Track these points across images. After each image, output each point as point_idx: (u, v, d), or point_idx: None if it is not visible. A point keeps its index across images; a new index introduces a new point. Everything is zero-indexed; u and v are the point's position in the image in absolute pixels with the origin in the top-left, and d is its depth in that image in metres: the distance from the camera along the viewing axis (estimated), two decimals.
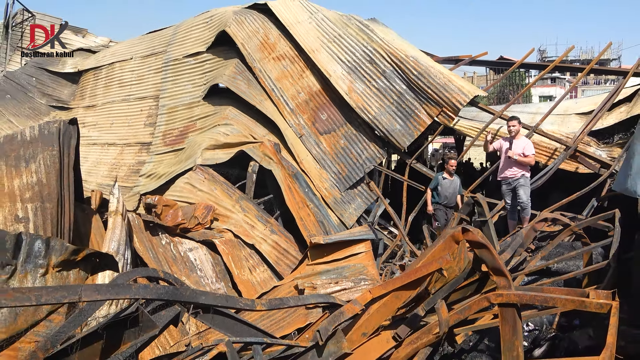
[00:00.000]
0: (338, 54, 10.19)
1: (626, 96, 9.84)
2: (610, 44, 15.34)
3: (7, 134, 6.79)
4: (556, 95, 35.98)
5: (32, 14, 16.02)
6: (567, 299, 3.12)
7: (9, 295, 1.98)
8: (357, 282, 6.03)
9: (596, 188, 8.62)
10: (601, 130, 9.56)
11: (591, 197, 8.62)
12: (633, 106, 9.50)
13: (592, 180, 8.71)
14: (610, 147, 9.29)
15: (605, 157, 8.99)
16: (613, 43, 48.62)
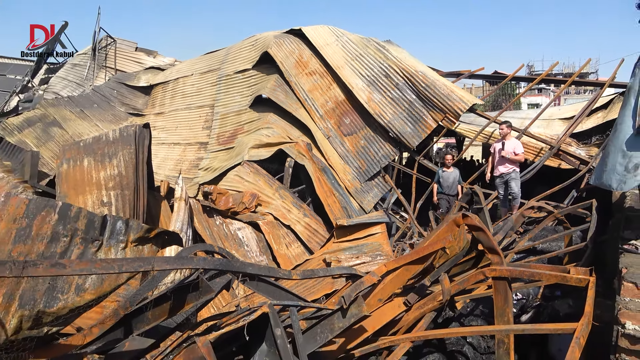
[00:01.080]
0: (359, 69, 10.10)
1: (602, 104, 9.58)
2: (590, 60, 14.93)
3: (95, 135, 6.93)
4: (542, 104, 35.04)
5: (114, 39, 16.29)
6: (551, 274, 3.05)
7: (98, 265, 2.03)
8: (374, 257, 5.99)
9: (576, 181, 8.40)
10: (581, 132, 9.31)
11: (571, 189, 8.41)
12: (608, 112, 9.23)
13: (573, 175, 8.49)
14: (589, 147, 9.03)
15: (584, 156, 8.73)
16: (591, 59, 46.93)
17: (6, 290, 2.68)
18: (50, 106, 13.09)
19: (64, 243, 2.88)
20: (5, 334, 2.66)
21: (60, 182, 6.04)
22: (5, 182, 5.92)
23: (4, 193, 3.41)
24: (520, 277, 3.39)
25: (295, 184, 8.96)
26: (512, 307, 3.21)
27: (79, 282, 2.75)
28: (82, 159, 6.23)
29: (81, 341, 2.60)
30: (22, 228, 2.86)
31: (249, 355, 2.85)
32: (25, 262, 1.94)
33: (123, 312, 2.63)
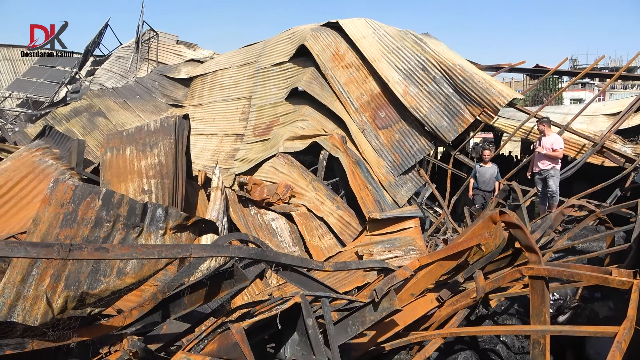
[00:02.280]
0: (396, 62, 9.96)
1: None
2: (639, 54, 14.12)
3: (137, 125, 7.12)
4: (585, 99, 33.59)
5: (156, 32, 16.68)
6: (592, 275, 2.93)
7: (139, 250, 2.09)
8: (407, 251, 5.93)
9: (620, 180, 8.02)
10: (627, 129, 8.87)
11: (615, 188, 8.03)
12: None
13: (617, 173, 8.10)
14: (635, 144, 8.60)
15: (630, 153, 8.32)
16: None
17: (53, 271, 2.80)
18: (96, 97, 13.56)
19: (107, 228, 2.98)
20: (52, 313, 2.78)
21: (104, 170, 6.26)
22: (54, 168, 6.18)
23: (53, 179, 3.55)
24: (558, 277, 3.28)
25: (329, 176, 8.96)
26: (549, 307, 3.10)
27: (120, 266, 2.85)
28: (124, 148, 6.43)
29: (121, 322, 2.69)
30: (69, 213, 2.98)
31: (281, 343, 2.88)
32: (71, 245, 2.02)
33: (161, 297, 2.70)
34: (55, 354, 2.52)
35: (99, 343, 2.58)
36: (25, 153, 6.46)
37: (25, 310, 2.84)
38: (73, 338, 2.45)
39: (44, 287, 2.85)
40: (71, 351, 2.52)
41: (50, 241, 2.93)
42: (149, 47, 16.49)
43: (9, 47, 23.20)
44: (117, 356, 2.47)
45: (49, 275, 2.82)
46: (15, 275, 2.83)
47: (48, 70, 20.42)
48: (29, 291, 2.86)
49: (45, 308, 2.82)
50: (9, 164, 6.22)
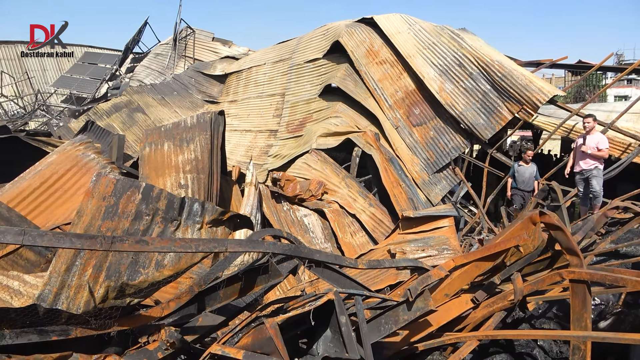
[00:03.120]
0: (431, 58, 9.79)
1: None
2: None
3: (174, 121, 7.27)
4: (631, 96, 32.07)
5: (193, 30, 16.99)
6: (638, 280, 2.80)
7: (177, 244, 2.14)
8: (441, 250, 5.84)
9: None
10: None
11: None
12: None
13: None
14: None
15: None
16: None
17: (95, 262, 2.90)
18: (135, 93, 13.95)
19: (146, 221, 3.06)
20: (94, 302, 2.88)
21: (142, 164, 6.43)
22: (96, 162, 6.40)
23: (95, 173, 3.67)
24: (601, 281, 3.16)
25: (362, 173, 8.92)
26: (591, 312, 2.99)
27: (158, 259, 2.92)
28: (162, 143, 6.58)
29: (159, 313, 2.76)
30: (110, 206, 3.08)
31: (313, 340, 2.89)
32: (113, 237, 2.09)
33: (197, 289, 2.76)
34: (97, 342, 2.61)
35: (138, 332, 2.66)
36: (69, 147, 6.72)
37: (69, 299, 2.95)
38: (114, 327, 2.54)
39: (87, 276, 2.95)
40: (112, 339, 2.61)
41: (93, 233, 3.04)
42: (186, 44, 16.82)
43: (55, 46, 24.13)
44: (155, 346, 2.54)
45: (91, 266, 2.92)
46: (60, 264, 2.94)
47: (90, 67, 21.19)
48: (73, 280, 2.98)
49: (87, 297, 2.92)
50: (55, 158, 6.48)
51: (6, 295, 3.42)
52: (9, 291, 3.39)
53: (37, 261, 4.39)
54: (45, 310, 2.42)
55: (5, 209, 4.54)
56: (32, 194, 5.93)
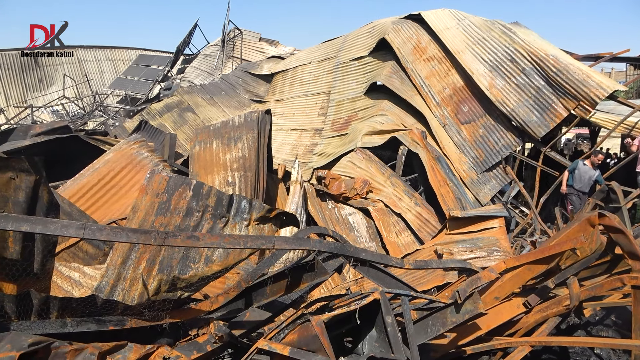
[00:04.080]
0: (481, 54, 9.50)
1: None
2: None
3: (223, 120, 7.45)
4: None
5: (240, 30, 17.34)
6: None
7: (227, 240, 2.18)
8: (490, 252, 5.66)
9: None
10: None
11: None
12: None
13: None
14: None
15: None
16: None
17: (149, 256, 3.02)
18: (185, 93, 14.40)
19: (197, 218, 3.16)
20: (147, 294, 3.00)
21: (192, 162, 6.64)
22: (149, 160, 6.67)
23: (149, 170, 3.82)
24: None
25: (408, 172, 8.78)
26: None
27: (208, 254, 3.00)
28: (211, 141, 6.76)
29: (209, 307, 2.84)
30: (163, 202, 3.20)
31: (359, 339, 2.87)
32: (166, 232, 2.16)
33: (245, 285, 2.82)
34: (150, 333, 2.72)
35: (189, 325, 2.75)
36: (124, 146, 7.03)
37: (124, 290, 3.09)
38: (166, 319, 2.63)
39: (141, 270, 3.08)
40: (164, 331, 2.71)
41: (147, 228, 3.16)
42: (234, 45, 17.18)
43: (112, 49, 25.38)
44: (205, 339, 2.62)
45: (145, 259, 3.05)
46: (116, 258, 3.09)
47: (144, 69, 22.10)
48: (128, 273, 3.12)
49: (141, 289, 3.05)
50: (111, 156, 6.81)
51: (68, 286, 3.63)
52: (70, 282, 3.59)
53: (96, 254, 4.63)
54: (102, 301, 2.54)
55: (67, 204, 4.81)
56: (90, 190, 6.25)
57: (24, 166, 2.36)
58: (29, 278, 2.38)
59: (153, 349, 2.46)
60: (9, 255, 2.34)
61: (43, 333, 2.28)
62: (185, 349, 2.56)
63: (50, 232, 2.06)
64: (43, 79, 22.37)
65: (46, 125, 8.88)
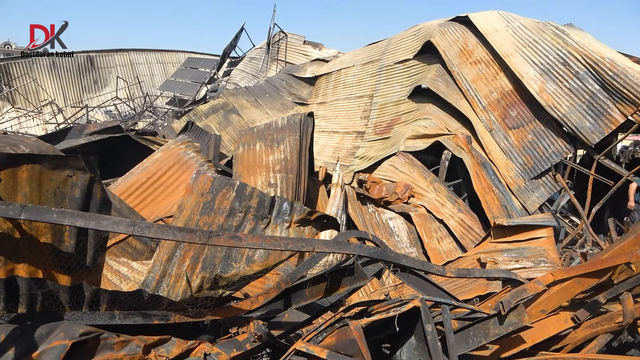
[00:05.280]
0: (531, 57, 9.18)
1: None
2: None
3: (266, 122, 7.58)
4: None
5: (285, 34, 17.57)
6: None
7: (268, 241, 2.22)
8: (537, 263, 5.45)
9: None
10: None
11: None
12: None
13: None
14: None
15: None
16: None
17: (193, 254, 3.12)
18: (231, 95, 14.74)
19: (239, 218, 3.23)
20: (190, 291, 3.09)
21: (236, 163, 6.79)
22: (195, 160, 6.87)
23: (194, 170, 3.94)
24: None
25: (451, 177, 8.61)
26: None
27: (249, 254, 3.06)
28: (254, 143, 6.89)
29: (249, 306, 2.90)
30: (207, 202, 3.29)
31: (397, 346, 2.84)
32: (210, 232, 2.23)
33: (284, 286, 2.85)
34: (192, 329, 2.80)
35: (229, 323, 2.81)
36: (172, 146, 7.28)
37: (169, 286, 3.20)
38: (207, 316, 2.70)
39: (185, 267, 3.18)
40: (205, 328, 2.78)
41: (192, 226, 3.26)
42: (279, 48, 17.42)
43: (162, 52, 26.33)
44: (244, 337, 2.67)
45: (189, 257, 3.14)
46: (163, 254, 3.20)
47: (192, 71, 22.79)
48: (173, 270, 3.22)
49: (185, 286, 3.15)
50: (159, 155, 7.07)
51: (116, 280, 3.80)
52: (119, 276, 3.75)
53: (143, 250, 4.82)
54: (149, 296, 2.64)
55: (117, 201, 5.03)
56: (139, 188, 6.51)
57: (80, 164, 2.49)
58: (82, 271, 2.50)
59: (195, 344, 2.53)
60: (64, 248, 2.47)
61: (93, 324, 2.40)
62: (225, 346, 2.62)
63: (103, 228, 2.17)
64: (98, 81, 23.50)
65: (100, 125, 9.32)
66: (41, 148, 4.00)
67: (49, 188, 2.43)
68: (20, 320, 2.34)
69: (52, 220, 2.11)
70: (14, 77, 20.42)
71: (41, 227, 2.38)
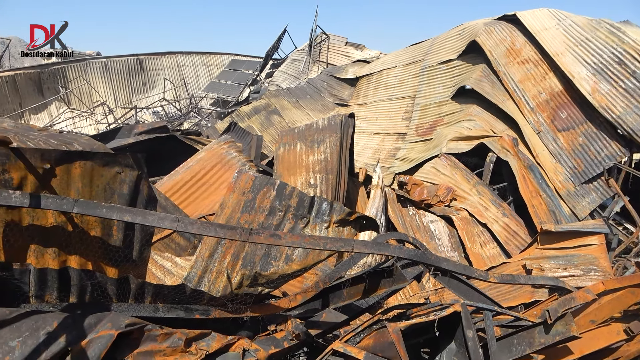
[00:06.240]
0: (584, 56, 8.78)
1: None
2: None
3: (307, 123, 7.62)
4: None
5: (327, 35, 17.61)
6: None
7: (307, 240, 2.23)
8: (587, 271, 5.20)
9: None
10: None
11: None
12: None
13: None
14: None
15: None
16: None
17: (234, 251, 3.17)
18: (272, 97, 14.93)
19: (279, 217, 3.26)
20: (230, 287, 3.15)
21: (276, 163, 6.86)
22: (237, 160, 7.00)
23: (236, 170, 4.02)
24: None
25: (496, 180, 8.36)
26: None
27: (288, 253, 3.08)
28: (295, 143, 6.94)
29: (287, 305, 2.92)
30: (249, 200, 3.34)
31: (436, 351, 2.79)
32: (251, 230, 2.26)
33: (323, 286, 2.85)
34: (232, 325, 2.85)
35: (268, 321, 2.84)
36: (215, 146, 7.45)
37: (210, 282, 3.28)
38: (247, 312, 2.74)
39: (226, 263, 3.24)
40: (244, 324, 2.83)
41: (233, 224, 3.33)
42: (320, 49, 17.49)
43: (207, 55, 27.05)
44: (282, 335, 2.69)
45: (230, 254, 3.21)
46: (204, 251, 3.28)
47: (235, 73, 23.27)
48: (214, 266, 3.30)
49: (225, 282, 3.21)
50: (203, 155, 7.25)
51: (160, 274, 3.92)
52: (163, 270, 3.88)
53: (185, 246, 4.96)
54: (191, 291, 2.71)
55: (163, 199, 5.20)
56: (184, 186, 6.70)
57: (129, 162, 2.59)
58: (128, 264, 2.60)
59: (234, 340, 2.57)
60: (112, 242, 2.58)
61: (138, 315, 2.49)
62: (264, 343, 2.64)
63: (149, 223, 2.25)
64: (147, 83, 24.42)
65: (147, 125, 9.68)
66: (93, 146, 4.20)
67: (100, 184, 2.54)
68: (70, 309, 2.46)
69: (101, 214, 2.20)
70: (70, 80, 21.54)
71: (92, 221, 2.49)
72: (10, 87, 19.26)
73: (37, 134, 4.90)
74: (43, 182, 2.39)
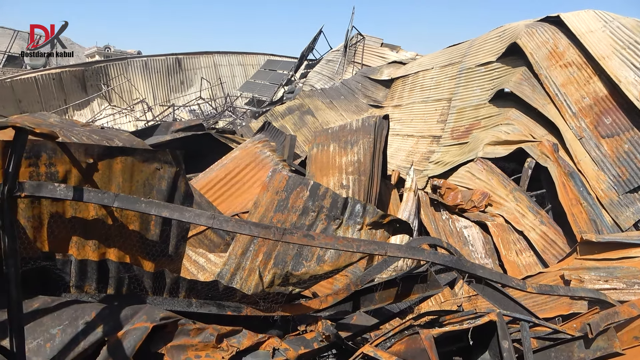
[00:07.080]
0: (632, 59, 8.40)
1: None
2: None
3: (341, 124, 7.60)
4: None
5: (363, 36, 17.54)
6: None
7: (340, 242, 2.21)
8: (630, 285, 4.97)
9: None
10: None
11: None
12: None
13: None
14: None
15: None
16: None
17: (266, 249, 3.19)
18: (306, 97, 14.99)
19: (312, 217, 3.26)
20: (262, 286, 3.17)
21: (309, 163, 6.88)
22: (270, 159, 7.06)
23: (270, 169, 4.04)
24: None
25: (534, 187, 8.10)
26: None
27: (320, 254, 3.08)
28: (328, 144, 6.94)
29: (318, 306, 2.91)
30: (282, 200, 3.35)
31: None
32: (284, 229, 2.26)
33: (354, 288, 2.83)
34: (263, 323, 2.86)
35: (298, 321, 2.84)
36: (249, 144, 7.53)
37: (242, 279, 3.31)
38: (278, 311, 2.75)
39: (258, 262, 3.27)
40: (275, 323, 2.84)
41: (266, 223, 3.35)
42: (355, 50, 17.44)
43: (243, 55, 27.45)
44: (312, 336, 2.68)
45: (262, 253, 3.23)
46: (237, 248, 3.31)
47: (270, 73, 23.51)
48: (246, 264, 3.33)
49: (257, 280, 3.23)
50: (238, 153, 7.34)
51: (194, 270, 3.99)
52: (197, 266, 3.94)
53: (219, 242, 5.03)
54: (223, 287, 2.74)
55: (197, 195, 5.29)
56: (218, 184, 6.81)
57: (168, 158, 2.64)
58: (164, 259, 2.65)
59: (264, 338, 2.59)
60: (150, 236, 2.64)
61: (172, 309, 2.53)
62: (294, 342, 2.65)
63: (185, 219, 2.29)
64: (184, 81, 25.00)
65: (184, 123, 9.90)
66: (133, 142, 4.31)
67: (139, 179, 2.60)
68: (108, 300, 2.53)
69: (140, 209, 2.25)
70: (111, 77, 22.29)
71: (130, 215, 2.56)
72: (56, 84, 20.13)
73: (80, 129, 5.08)
74: (86, 176, 2.47)
